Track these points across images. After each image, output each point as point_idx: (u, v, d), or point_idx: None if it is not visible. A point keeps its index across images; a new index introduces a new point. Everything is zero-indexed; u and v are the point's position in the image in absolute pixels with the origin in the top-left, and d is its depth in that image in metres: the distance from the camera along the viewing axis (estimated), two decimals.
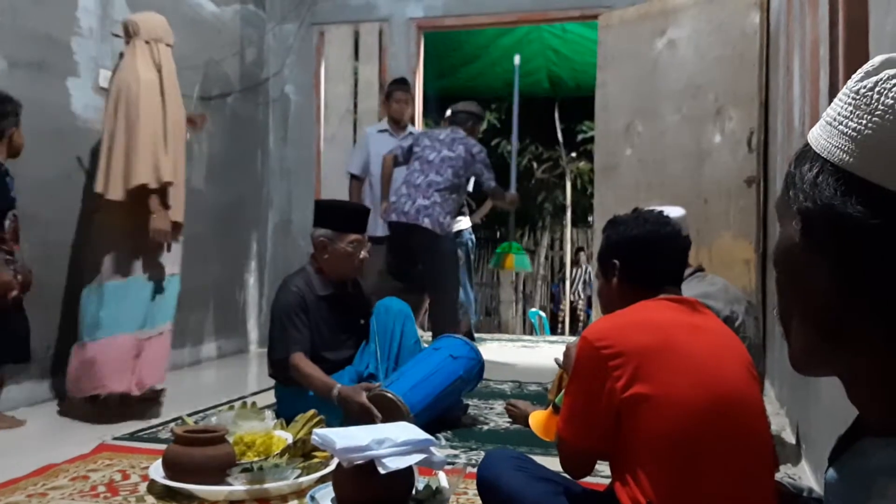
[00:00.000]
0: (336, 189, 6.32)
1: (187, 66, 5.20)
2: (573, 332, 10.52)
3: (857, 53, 2.23)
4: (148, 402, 3.86)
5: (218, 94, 5.65)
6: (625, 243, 1.98)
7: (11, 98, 3.66)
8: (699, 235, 4.82)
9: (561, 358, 2.62)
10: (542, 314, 9.59)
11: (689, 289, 2.73)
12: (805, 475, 2.84)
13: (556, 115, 10.30)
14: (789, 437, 3.39)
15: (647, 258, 1.95)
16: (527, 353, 5.51)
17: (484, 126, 9.48)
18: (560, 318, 11.45)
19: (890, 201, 0.59)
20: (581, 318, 10.92)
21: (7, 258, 3.45)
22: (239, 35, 5.93)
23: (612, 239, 2.02)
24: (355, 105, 6.49)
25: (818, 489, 1.94)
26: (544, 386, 4.48)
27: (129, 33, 3.91)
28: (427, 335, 5.35)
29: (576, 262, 11.38)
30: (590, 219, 8.67)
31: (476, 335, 5.96)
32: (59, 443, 3.23)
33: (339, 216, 3.72)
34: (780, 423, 3.57)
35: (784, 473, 2.78)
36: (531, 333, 8.74)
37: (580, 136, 10.04)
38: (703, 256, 4.81)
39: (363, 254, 3.71)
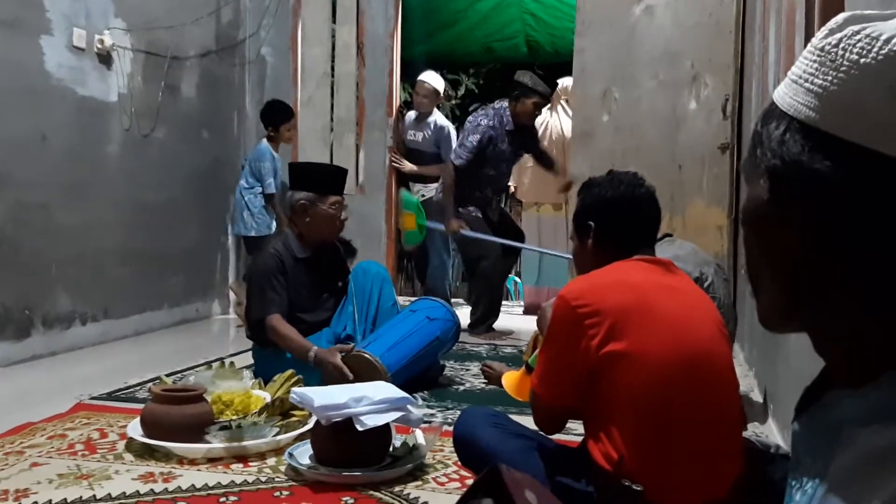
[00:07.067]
0: (312, 152, 6.29)
1: (162, 26, 5.13)
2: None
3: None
4: None
5: (193, 54, 5.58)
6: (600, 205, 1.99)
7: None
8: (673, 202, 4.86)
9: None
10: (518, 279, 9.61)
11: (660, 252, 2.75)
12: (772, 433, 2.91)
13: None
14: (757, 397, 3.46)
15: (621, 219, 1.97)
16: (502, 317, 5.55)
17: (462, 91, 9.49)
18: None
19: (857, 156, 0.59)
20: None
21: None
22: None
23: (588, 201, 2.04)
24: (332, 68, 6.43)
25: (785, 447, 2.00)
26: (519, 348, 4.53)
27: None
28: (402, 299, 5.37)
29: None
30: None
31: (453, 300, 5.99)
32: (36, 402, 3.23)
33: (319, 178, 3.70)
34: (748, 384, 3.64)
35: (752, 432, 2.85)
36: (507, 298, 8.76)
37: None
38: (677, 223, 4.86)
39: (343, 215, 3.72)
